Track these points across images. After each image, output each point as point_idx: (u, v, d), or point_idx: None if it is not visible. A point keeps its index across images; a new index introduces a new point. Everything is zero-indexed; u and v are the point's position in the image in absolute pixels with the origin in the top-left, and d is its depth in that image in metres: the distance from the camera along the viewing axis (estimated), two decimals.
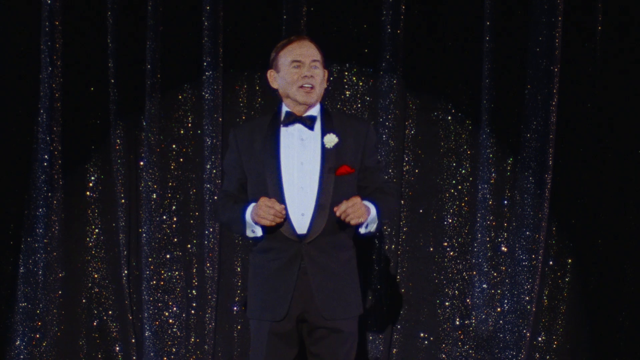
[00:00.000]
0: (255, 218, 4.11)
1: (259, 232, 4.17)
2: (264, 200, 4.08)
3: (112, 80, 5.77)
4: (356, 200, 4.01)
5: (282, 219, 4.07)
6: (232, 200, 4.27)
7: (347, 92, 5.85)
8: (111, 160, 5.85)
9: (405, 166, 5.85)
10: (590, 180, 5.77)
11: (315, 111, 4.26)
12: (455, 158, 5.85)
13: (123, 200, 5.85)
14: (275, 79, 4.30)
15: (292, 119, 4.19)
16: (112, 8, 5.74)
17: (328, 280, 4.15)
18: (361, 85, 5.85)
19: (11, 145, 5.78)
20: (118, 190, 5.85)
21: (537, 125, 5.70)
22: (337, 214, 3.97)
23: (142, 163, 5.85)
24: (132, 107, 5.83)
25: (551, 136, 5.66)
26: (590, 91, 5.74)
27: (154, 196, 5.82)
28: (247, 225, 4.17)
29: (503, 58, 5.71)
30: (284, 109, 4.25)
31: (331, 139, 4.16)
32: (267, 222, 4.09)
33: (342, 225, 4.15)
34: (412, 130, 5.86)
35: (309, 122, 4.20)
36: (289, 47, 4.27)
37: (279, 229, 4.13)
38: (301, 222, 4.15)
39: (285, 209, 4.13)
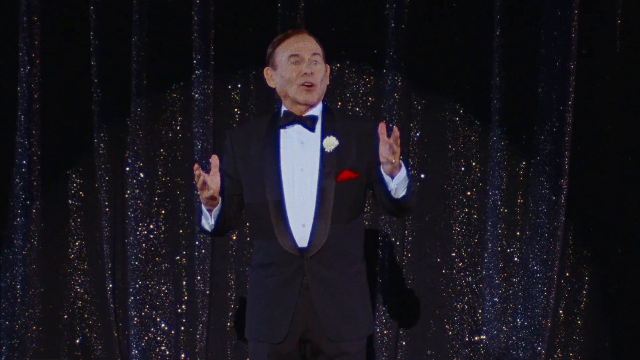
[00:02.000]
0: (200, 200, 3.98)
1: (211, 221, 3.99)
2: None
3: (96, 80, 5.69)
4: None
5: (208, 186, 3.85)
6: None
7: (347, 92, 5.77)
8: (94, 166, 5.78)
9: (410, 171, 5.48)
10: (609, 185, 5.69)
11: (317, 111, 4.07)
12: (463, 162, 5.77)
13: (107, 209, 5.77)
14: (272, 77, 4.11)
15: (291, 119, 4.03)
16: (94, 2, 5.66)
17: (333, 297, 3.98)
18: (362, 85, 5.78)
19: None
20: (102, 197, 5.77)
21: (551, 126, 5.62)
22: (383, 147, 3.73)
23: (127, 169, 5.78)
24: (116, 109, 5.76)
25: (567, 138, 5.57)
26: (609, 89, 5.65)
27: (141, 204, 5.75)
28: (203, 215, 4.02)
29: (515, 54, 5.61)
30: (283, 109, 4.09)
31: (331, 142, 3.99)
32: (201, 195, 3.91)
33: (351, 234, 4.01)
34: (417, 132, 5.78)
35: (309, 123, 4.03)
36: (287, 42, 4.07)
37: (281, 242, 3.95)
38: (302, 234, 3.96)
39: (286, 220, 3.95)
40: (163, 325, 5.81)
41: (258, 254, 4.07)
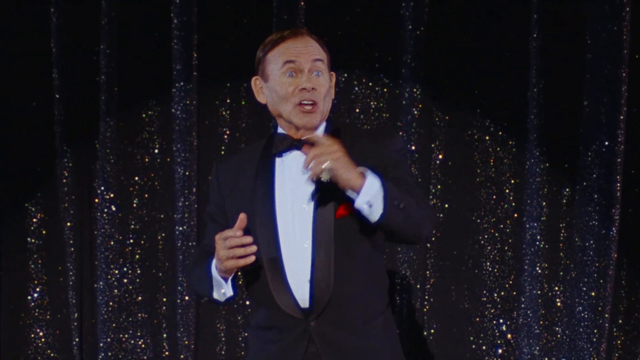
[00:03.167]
0: (218, 266, 3.51)
1: (228, 291, 3.57)
2: (217, 236, 3.43)
3: (57, 96, 5.54)
4: (328, 141, 3.34)
5: (246, 247, 3.39)
6: (205, 255, 3.70)
7: (356, 108, 5.55)
8: (57, 198, 5.64)
9: (432, 200, 5.55)
10: None
11: (319, 131, 3.68)
12: (495, 189, 5.55)
13: (73, 249, 5.60)
14: (261, 90, 3.67)
15: (287, 144, 3.63)
16: (55, 3, 5.52)
17: None
18: (374, 99, 5.56)
19: None
20: (67, 235, 5.61)
21: (600, 145, 5.38)
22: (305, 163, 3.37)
23: (96, 200, 5.63)
24: (83, 130, 5.62)
25: (619, 159, 5.33)
26: None
27: (112, 243, 5.59)
28: (215, 283, 3.58)
29: (555, 60, 5.39)
30: (278, 130, 3.72)
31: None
32: (230, 264, 3.42)
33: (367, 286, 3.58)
34: (440, 154, 5.56)
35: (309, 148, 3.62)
36: (281, 45, 3.61)
37: (279, 302, 3.53)
38: (305, 291, 3.53)
39: (284, 275, 3.51)
40: None
41: (257, 313, 3.69)
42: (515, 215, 5.52)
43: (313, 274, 3.52)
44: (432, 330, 5.54)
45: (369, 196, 3.39)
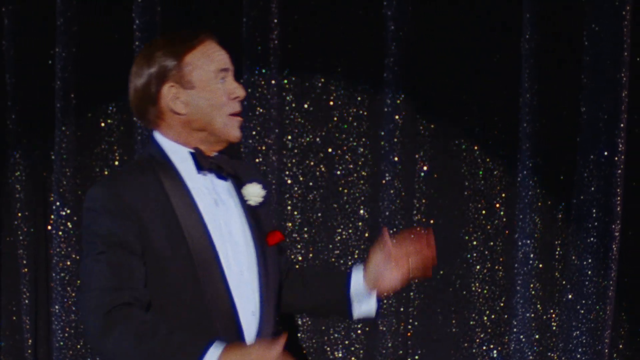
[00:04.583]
0: None
1: None
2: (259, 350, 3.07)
3: (10, 103, 5.46)
4: None
5: None
6: (160, 325, 3.19)
7: (334, 117, 5.50)
8: (10, 214, 5.57)
9: (416, 215, 5.50)
10: None
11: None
12: (485, 203, 5.49)
13: (26, 269, 5.50)
14: (181, 99, 3.31)
15: (205, 165, 3.38)
16: (7, 2, 5.46)
17: None
18: (354, 105, 5.52)
19: None
20: (19, 255, 5.51)
21: (599, 156, 5.30)
22: None
23: (52, 217, 5.53)
24: (37, 140, 5.54)
25: (619, 171, 5.26)
26: None
27: (69, 263, 5.45)
28: None
29: (550, 63, 5.32)
30: (181, 149, 3.36)
31: (256, 192, 3.43)
32: None
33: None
34: (425, 165, 5.50)
35: (222, 167, 3.42)
36: (203, 49, 3.35)
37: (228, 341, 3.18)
38: (252, 326, 3.34)
39: (235, 310, 3.27)
40: None
41: None
42: (507, 231, 5.47)
43: (262, 307, 3.32)
44: (417, 357, 5.47)
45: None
